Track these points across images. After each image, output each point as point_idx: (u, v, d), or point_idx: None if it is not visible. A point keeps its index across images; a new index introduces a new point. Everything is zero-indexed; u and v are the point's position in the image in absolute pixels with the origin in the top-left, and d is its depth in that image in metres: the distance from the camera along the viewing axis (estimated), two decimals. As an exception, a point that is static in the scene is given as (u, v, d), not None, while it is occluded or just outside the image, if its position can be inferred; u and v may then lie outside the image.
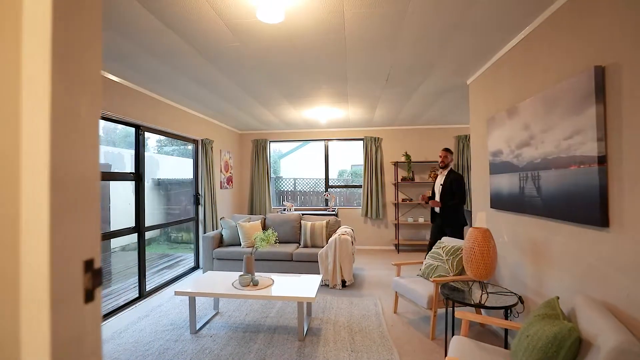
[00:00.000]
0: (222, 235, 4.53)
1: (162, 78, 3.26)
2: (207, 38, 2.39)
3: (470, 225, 3.85)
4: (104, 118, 3.20)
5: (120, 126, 3.64)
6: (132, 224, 3.82)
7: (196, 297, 2.95)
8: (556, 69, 1.98)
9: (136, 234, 3.71)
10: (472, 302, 2.25)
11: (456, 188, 3.81)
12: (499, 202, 2.72)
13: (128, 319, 3.15)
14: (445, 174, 3.92)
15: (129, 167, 7.11)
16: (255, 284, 2.86)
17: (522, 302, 2.24)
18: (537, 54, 2.19)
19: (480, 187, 3.20)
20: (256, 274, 3.19)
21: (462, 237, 3.70)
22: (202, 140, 5.00)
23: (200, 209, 4.99)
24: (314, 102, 4.29)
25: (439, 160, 4.04)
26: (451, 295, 2.39)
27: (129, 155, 7.29)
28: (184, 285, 4.13)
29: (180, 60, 2.79)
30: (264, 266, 4.12)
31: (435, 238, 3.92)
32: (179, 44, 2.48)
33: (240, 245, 4.42)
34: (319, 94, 3.90)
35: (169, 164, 8.53)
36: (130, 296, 3.80)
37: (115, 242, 6.86)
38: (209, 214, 5.01)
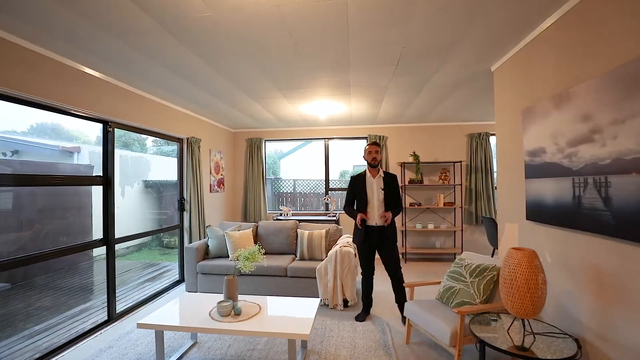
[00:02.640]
0: (208, 245, 4.01)
1: (129, 64, 2.74)
2: (169, 6, 1.86)
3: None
4: (58, 110, 2.69)
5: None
6: (118, 231, 3.31)
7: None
8: (637, 36, 1.44)
9: (104, 246, 3.19)
10: (514, 347, 1.71)
11: (398, 192, 3.08)
12: (540, 213, 2.18)
13: (88, 351, 2.63)
14: (382, 175, 3.05)
15: (117, 169, 6.62)
16: (238, 313, 2.33)
17: (580, 348, 1.71)
18: (600, 21, 1.65)
19: (511, 193, 2.66)
20: (241, 297, 2.67)
21: (398, 255, 3.07)
22: (187, 139, 4.49)
23: (186, 215, 4.48)
24: (311, 94, 3.76)
25: (369, 158, 3.02)
26: (483, 335, 1.85)
27: (117, 155, 6.80)
28: (160, 305, 3.59)
29: (143, 39, 2.27)
30: (252, 283, 3.60)
31: (371, 263, 3.13)
32: (139, 17, 1.96)
33: (228, 257, 3.90)
34: (317, 84, 3.37)
35: (163, 165, 8.06)
36: (100, 318, 3.29)
37: (100, 249, 6.38)
38: (195, 221, 4.49)
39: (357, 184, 3.11)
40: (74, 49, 2.41)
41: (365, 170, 3.14)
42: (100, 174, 3.18)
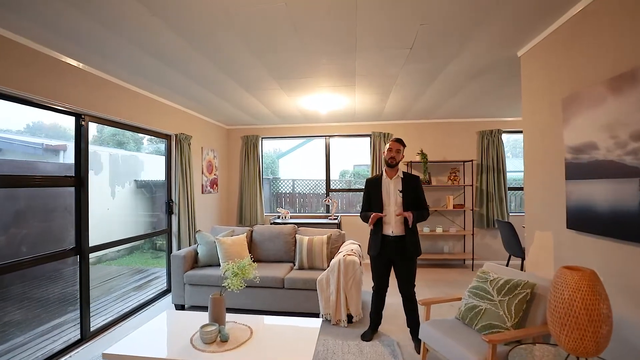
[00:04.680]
0: (198, 253, 3.63)
1: (98, 46, 2.36)
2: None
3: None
4: (21, 100, 2.31)
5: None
6: (111, 234, 2.92)
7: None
8: None
9: (77, 256, 2.81)
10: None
11: (422, 195, 2.65)
12: (588, 221, 1.81)
13: (51, 381, 2.26)
14: (401, 176, 2.65)
15: (107, 169, 6.23)
16: (224, 339, 1.95)
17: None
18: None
19: (544, 197, 2.29)
20: (230, 316, 2.29)
21: (415, 273, 2.69)
22: (176, 136, 4.11)
23: (174, 218, 4.10)
24: (312, 85, 3.39)
25: (387, 156, 2.61)
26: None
27: (107, 154, 6.43)
28: (142, 321, 3.22)
29: (107, 10, 1.89)
30: (245, 296, 3.22)
31: (384, 278, 2.74)
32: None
33: (219, 266, 3.52)
34: (318, 72, 2.99)
35: (158, 164, 7.69)
36: (73, 336, 2.92)
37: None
38: (185, 225, 4.12)
39: (372, 187, 2.72)
40: (32, 25, 2.03)
41: (382, 172, 2.74)
42: (80, 173, 2.79)
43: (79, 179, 2.79)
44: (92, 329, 2.93)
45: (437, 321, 2.32)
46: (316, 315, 3.14)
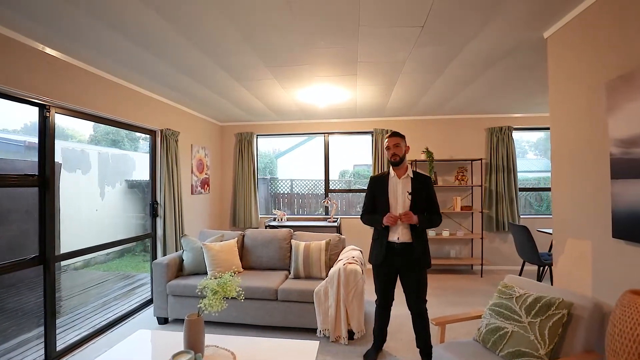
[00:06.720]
0: (183, 260, 3.29)
1: (65, 26, 2.02)
2: None
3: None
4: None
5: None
6: (100, 236, 2.59)
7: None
8: None
9: (41, 266, 2.47)
10: None
11: (434, 198, 2.31)
12: (643, 230, 1.48)
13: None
14: (411, 176, 2.30)
15: (95, 169, 5.88)
16: (201, 371, 1.62)
17: None
18: None
19: (578, 199, 1.96)
20: (211, 337, 1.96)
21: (425, 286, 2.32)
22: (161, 131, 3.77)
23: (159, 221, 3.76)
24: (309, 74, 3.05)
25: (388, 154, 2.30)
26: None
27: (96, 153, 6.08)
28: (119, 337, 2.88)
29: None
30: (234, 309, 2.88)
31: (389, 292, 2.40)
32: None
33: (206, 275, 3.18)
34: (316, 59, 2.66)
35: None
36: (38, 356, 2.58)
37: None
38: (171, 229, 3.78)
39: (377, 186, 2.38)
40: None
41: (389, 169, 2.39)
42: (45, 172, 2.45)
43: (43, 179, 2.45)
44: (60, 348, 2.60)
45: (453, 344, 1.98)
46: (313, 330, 2.81)
